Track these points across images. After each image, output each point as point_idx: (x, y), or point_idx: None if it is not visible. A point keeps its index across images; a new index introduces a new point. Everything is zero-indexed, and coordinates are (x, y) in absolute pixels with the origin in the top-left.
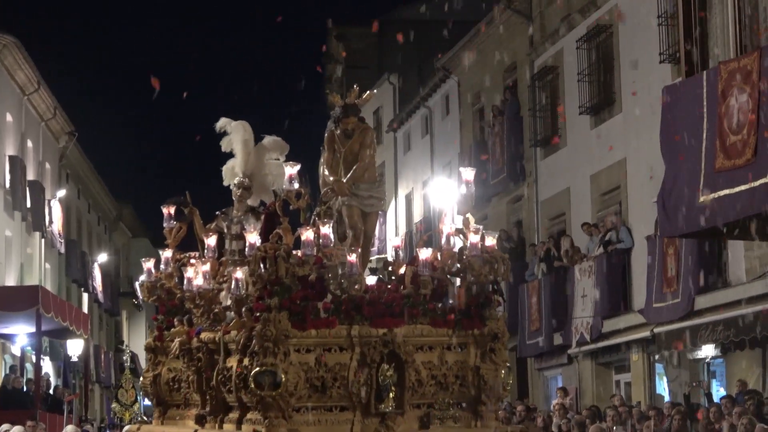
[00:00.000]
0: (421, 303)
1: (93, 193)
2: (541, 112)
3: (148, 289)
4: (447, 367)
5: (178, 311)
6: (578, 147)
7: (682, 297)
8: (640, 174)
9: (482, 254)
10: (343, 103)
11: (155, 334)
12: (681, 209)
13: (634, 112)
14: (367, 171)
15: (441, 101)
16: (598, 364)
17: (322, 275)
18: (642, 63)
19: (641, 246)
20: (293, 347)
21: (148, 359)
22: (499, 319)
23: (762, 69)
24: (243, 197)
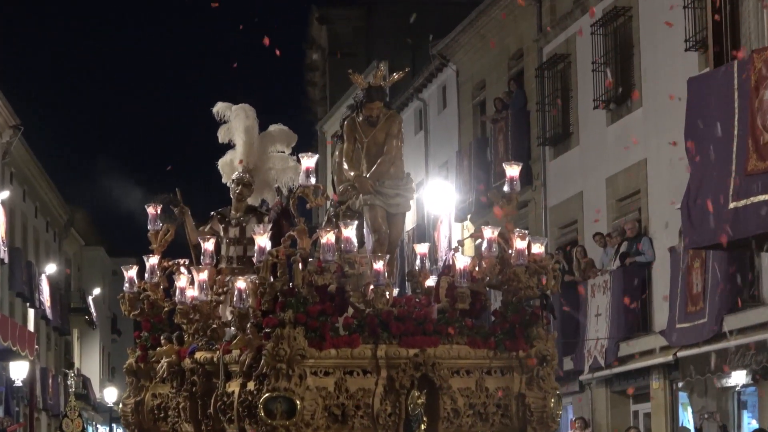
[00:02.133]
0: (458, 319)
1: (41, 195)
2: (550, 106)
3: (130, 302)
4: (487, 394)
5: (164, 327)
6: (592, 146)
7: (709, 317)
8: (662, 177)
9: (529, 263)
10: (368, 84)
11: (138, 354)
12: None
13: (655, 106)
14: (394, 165)
15: (437, 93)
16: (614, 392)
17: (343, 285)
18: (665, 51)
19: (663, 259)
20: (309, 369)
21: (129, 383)
22: (548, 340)
23: None
24: (243, 195)
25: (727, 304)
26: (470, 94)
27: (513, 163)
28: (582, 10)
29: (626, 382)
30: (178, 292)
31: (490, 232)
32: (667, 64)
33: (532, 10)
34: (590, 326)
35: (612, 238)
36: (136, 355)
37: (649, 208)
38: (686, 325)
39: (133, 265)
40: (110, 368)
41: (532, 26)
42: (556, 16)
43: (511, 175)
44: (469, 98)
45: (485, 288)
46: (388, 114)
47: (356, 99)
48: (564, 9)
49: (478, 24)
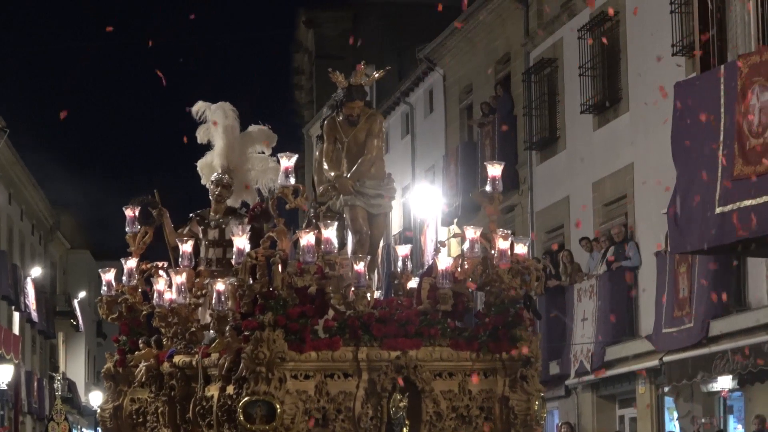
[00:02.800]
0: (440, 321)
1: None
2: (537, 111)
3: (108, 305)
4: (470, 397)
5: (143, 331)
6: (579, 150)
7: (696, 322)
8: (648, 182)
9: (512, 264)
10: (348, 83)
11: (116, 358)
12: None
13: (642, 111)
14: (375, 165)
15: (424, 97)
16: (600, 396)
17: (323, 287)
18: (652, 55)
19: (650, 263)
20: (290, 372)
21: (108, 388)
22: (532, 341)
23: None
24: (222, 197)
25: (713, 308)
26: (457, 98)
27: (495, 162)
28: (569, 15)
29: (612, 386)
30: (156, 295)
31: (472, 233)
32: (655, 69)
33: (519, 14)
34: (576, 331)
35: (598, 243)
36: (114, 359)
37: (636, 213)
38: (672, 329)
39: (111, 268)
40: (96, 372)
41: (519, 30)
42: (543, 21)
43: (493, 174)
44: (456, 102)
45: (467, 289)
46: (368, 113)
47: (336, 98)
48: (551, 13)
49: (465, 28)
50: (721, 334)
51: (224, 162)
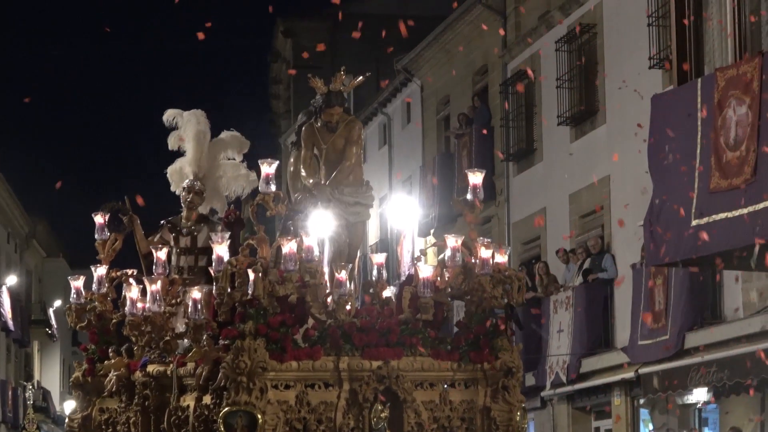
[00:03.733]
0: (421, 330)
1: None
2: (514, 122)
3: (77, 313)
4: (451, 407)
5: (112, 340)
6: (556, 162)
7: (671, 334)
8: (625, 194)
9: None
10: (327, 89)
11: (85, 367)
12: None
13: (619, 123)
14: (353, 172)
15: (401, 108)
16: (576, 408)
17: (303, 296)
18: (629, 68)
19: (626, 275)
20: (270, 382)
21: (77, 397)
22: (513, 351)
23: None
24: (194, 203)
25: (689, 321)
26: (434, 109)
27: (476, 170)
28: (547, 27)
29: (588, 398)
30: (129, 303)
31: (453, 241)
32: (632, 82)
33: (497, 25)
34: (552, 342)
35: (574, 255)
36: (83, 369)
37: (612, 225)
38: (648, 342)
39: (80, 276)
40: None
41: (497, 42)
42: (520, 32)
43: (473, 182)
44: (434, 113)
45: (448, 298)
46: (347, 120)
47: (315, 104)
48: (529, 25)
49: (443, 39)
50: (696, 347)
51: (195, 168)
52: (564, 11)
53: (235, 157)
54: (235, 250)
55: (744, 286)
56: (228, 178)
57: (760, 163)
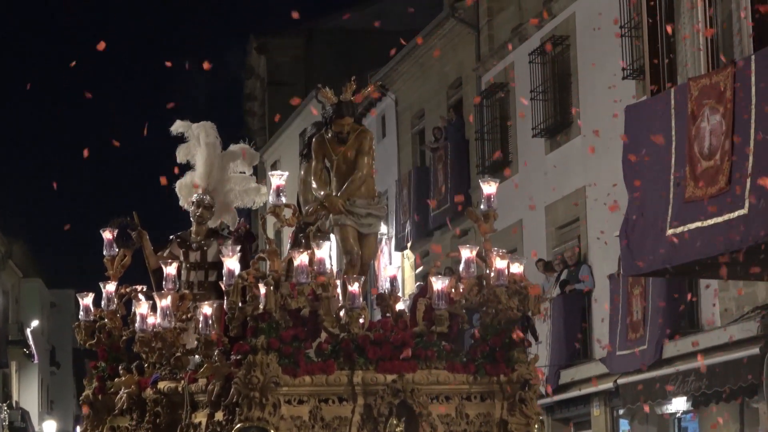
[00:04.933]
0: (436, 343)
1: None
2: (489, 135)
3: (86, 331)
4: (467, 421)
5: (122, 356)
6: (531, 174)
7: (649, 344)
8: (601, 205)
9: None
10: (337, 100)
11: (95, 385)
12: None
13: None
14: (365, 184)
15: (376, 122)
16: (555, 419)
17: (316, 309)
18: (603, 79)
19: (603, 286)
20: (283, 398)
21: (86, 416)
22: (530, 363)
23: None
24: (204, 218)
25: (666, 331)
26: (409, 123)
27: (490, 180)
28: (520, 39)
29: (567, 409)
30: (139, 320)
31: (468, 252)
32: (606, 93)
33: (471, 39)
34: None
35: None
36: (93, 387)
37: (588, 236)
38: (626, 352)
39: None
40: (49, 401)
41: (471, 55)
42: (494, 45)
43: (488, 192)
44: (409, 127)
45: (463, 310)
46: (358, 130)
47: (325, 115)
48: (502, 38)
49: (416, 53)
50: (674, 356)
51: (205, 182)
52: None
53: (245, 170)
54: (246, 264)
55: (721, 295)
56: (238, 191)
57: (734, 172)
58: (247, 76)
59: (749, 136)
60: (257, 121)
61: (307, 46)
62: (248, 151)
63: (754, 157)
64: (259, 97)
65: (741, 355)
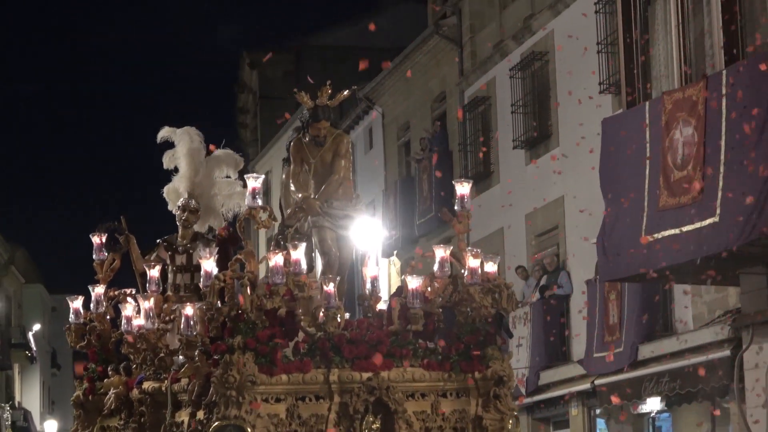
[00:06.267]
0: (411, 342)
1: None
2: (472, 146)
3: (76, 333)
4: (443, 417)
5: (111, 358)
6: (512, 184)
7: (625, 346)
8: (578, 213)
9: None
10: (314, 104)
11: (85, 386)
12: (622, 251)
13: (572, 146)
14: (342, 186)
15: (364, 134)
16: (535, 419)
17: (293, 309)
18: (580, 93)
19: (581, 291)
20: (260, 396)
21: (77, 416)
22: (504, 360)
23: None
24: (189, 222)
25: (641, 333)
26: (395, 135)
27: (463, 180)
28: (501, 55)
29: (546, 409)
30: (124, 321)
31: (442, 252)
32: (583, 106)
33: (454, 54)
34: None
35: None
36: (83, 388)
37: (567, 243)
38: (603, 354)
39: (78, 296)
40: (50, 401)
41: (454, 70)
42: (476, 61)
43: (461, 193)
44: (395, 139)
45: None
46: (335, 134)
47: (302, 119)
48: (484, 54)
49: (402, 68)
50: (649, 358)
51: (188, 185)
52: (517, 40)
53: (230, 175)
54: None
55: (693, 300)
56: (223, 195)
57: (706, 182)
58: (240, 90)
59: (720, 147)
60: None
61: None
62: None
63: (725, 168)
64: (251, 110)
65: (712, 357)
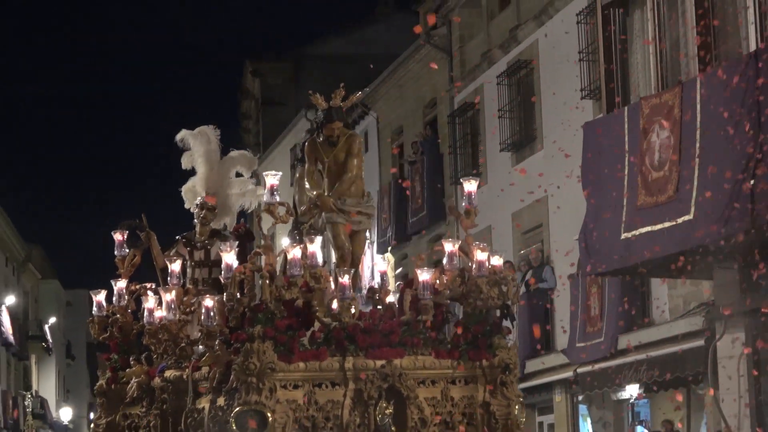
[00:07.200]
0: (422, 331)
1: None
2: (461, 149)
3: (99, 325)
4: (452, 403)
5: (133, 349)
6: (499, 184)
7: (606, 336)
8: (561, 212)
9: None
10: (327, 105)
11: (108, 375)
12: (603, 247)
13: (555, 148)
14: (355, 183)
15: None
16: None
17: (309, 300)
18: (563, 99)
19: (564, 284)
20: (279, 383)
21: (100, 404)
22: (510, 348)
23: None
24: (207, 219)
25: (621, 325)
26: (389, 139)
27: (471, 178)
28: (488, 63)
29: (532, 396)
30: (146, 313)
31: (451, 246)
32: (566, 111)
33: (444, 63)
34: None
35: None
36: (106, 377)
37: (551, 240)
38: (585, 344)
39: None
40: (65, 390)
41: (444, 78)
42: (465, 69)
43: (468, 190)
44: (389, 143)
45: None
46: (347, 134)
47: (316, 120)
48: (472, 62)
49: (396, 76)
50: (628, 348)
51: (205, 185)
52: (504, 49)
53: (244, 174)
54: (245, 261)
55: (670, 293)
56: (237, 194)
57: (681, 182)
58: (243, 97)
59: (695, 149)
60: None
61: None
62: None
63: (699, 169)
64: (253, 115)
65: (688, 346)
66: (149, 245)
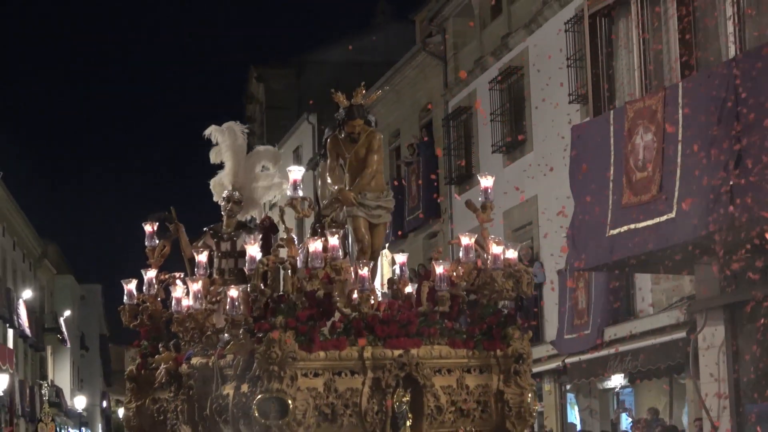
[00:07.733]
0: (438, 322)
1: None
2: (455, 151)
3: (130, 313)
4: (467, 391)
5: (162, 336)
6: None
7: (592, 329)
8: (550, 210)
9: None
10: (349, 103)
11: (138, 361)
12: (590, 244)
13: (544, 150)
14: (375, 179)
15: None
16: None
17: (330, 291)
18: (552, 103)
19: (553, 279)
20: (300, 371)
21: (130, 389)
22: (524, 339)
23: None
24: (233, 212)
25: (607, 317)
26: (387, 141)
27: (487, 174)
28: (481, 69)
29: None
30: (174, 302)
31: (467, 239)
32: (554, 115)
33: (439, 69)
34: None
35: None
36: (136, 363)
37: (540, 237)
38: (573, 335)
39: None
40: (79, 379)
41: (439, 83)
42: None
43: (485, 185)
44: (386, 145)
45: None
46: (368, 131)
47: (338, 117)
48: (466, 68)
49: (393, 81)
50: (613, 339)
51: (232, 179)
52: (495, 56)
53: (270, 168)
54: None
55: (653, 287)
56: (263, 187)
57: (664, 182)
58: (248, 101)
59: (677, 151)
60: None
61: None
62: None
63: (681, 170)
64: (258, 119)
65: (670, 338)
66: (178, 236)
